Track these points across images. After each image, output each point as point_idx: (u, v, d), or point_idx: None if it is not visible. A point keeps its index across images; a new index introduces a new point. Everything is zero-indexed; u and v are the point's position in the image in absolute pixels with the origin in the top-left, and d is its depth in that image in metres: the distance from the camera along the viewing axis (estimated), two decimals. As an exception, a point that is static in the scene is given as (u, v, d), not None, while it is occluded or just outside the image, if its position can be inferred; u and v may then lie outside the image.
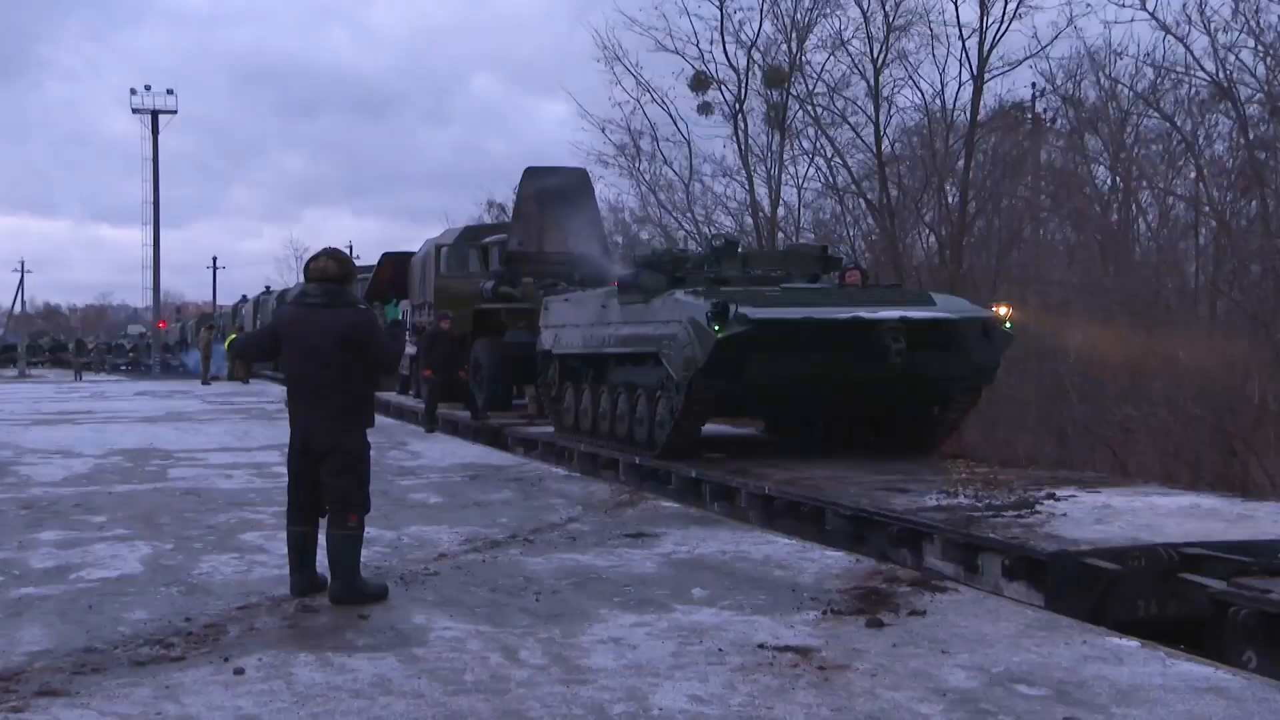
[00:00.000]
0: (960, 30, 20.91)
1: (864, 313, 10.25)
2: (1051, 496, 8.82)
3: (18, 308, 78.51)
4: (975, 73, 20.73)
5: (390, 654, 4.91)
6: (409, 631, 5.31)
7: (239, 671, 4.63)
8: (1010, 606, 6.02)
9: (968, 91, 20.95)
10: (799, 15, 22.51)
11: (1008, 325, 10.66)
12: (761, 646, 5.02)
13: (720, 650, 4.98)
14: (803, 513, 9.22)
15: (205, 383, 33.83)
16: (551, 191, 12.25)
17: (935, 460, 11.69)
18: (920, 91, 22.10)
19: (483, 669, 4.71)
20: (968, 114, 21.05)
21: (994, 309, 10.88)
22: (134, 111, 48.81)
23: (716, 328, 9.98)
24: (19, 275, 78.77)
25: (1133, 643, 5.15)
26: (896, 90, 22.08)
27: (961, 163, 21.00)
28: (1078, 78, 21.12)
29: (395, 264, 23.21)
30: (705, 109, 23.55)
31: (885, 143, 21.97)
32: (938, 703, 4.28)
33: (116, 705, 4.22)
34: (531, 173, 13.71)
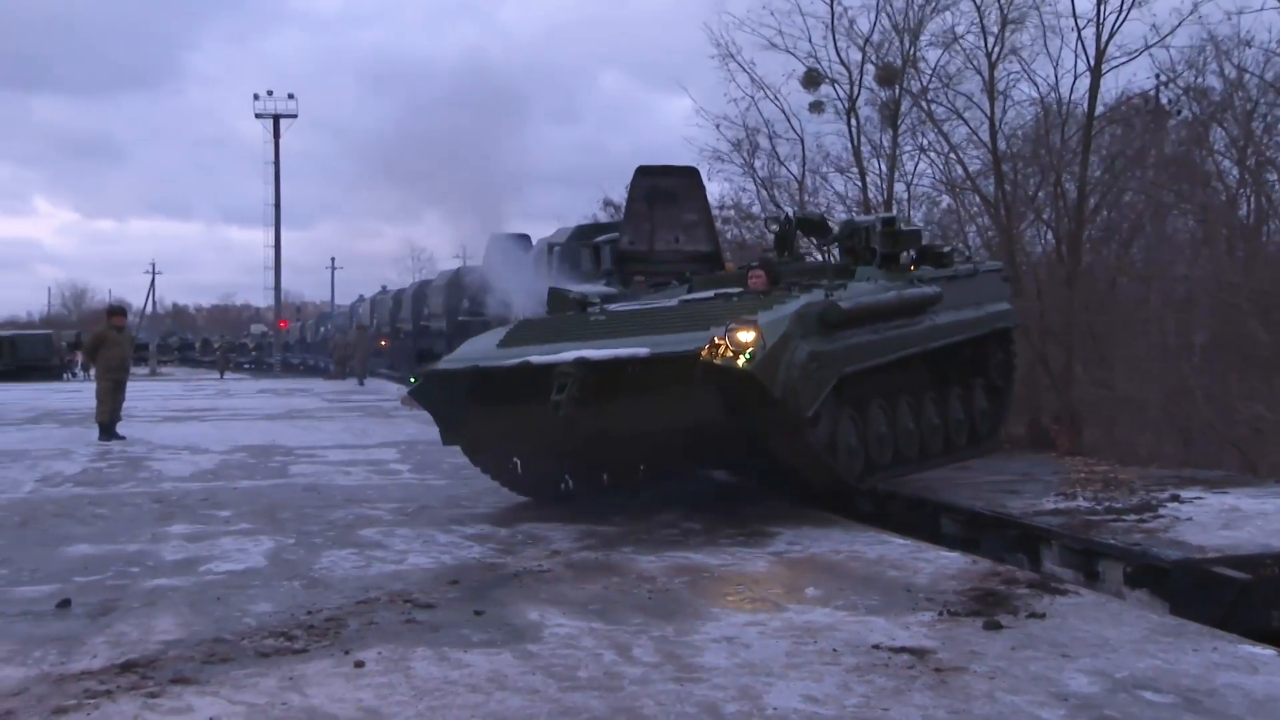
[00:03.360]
0: (1076, 22, 20.42)
1: (537, 357, 8.17)
2: (1175, 499, 8.56)
3: (148, 308, 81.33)
4: (1092, 64, 20.23)
5: (505, 650, 4.98)
6: (523, 627, 5.37)
7: (359, 664, 4.73)
8: (1133, 611, 5.86)
9: (1085, 83, 20.46)
10: (911, 11, 22.21)
11: (745, 357, 7.36)
12: (876, 647, 4.96)
13: (834, 650, 4.94)
14: (917, 513, 9.10)
15: (361, 383, 32.00)
16: (662, 190, 12.26)
17: (1051, 459, 11.44)
18: (1036, 85, 21.62)
19: (596, 666, 4.74)
20: (1085, 107, 20.54)
21: (723, 337, 7.48)
22: (257, 116, 50.21)
23: (413, 379, 9.12)
24: (150, 277, 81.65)
25: (1268, 651, 4.96)
26: (1012, 85, 21.65)
27: (1079, 156, 20.49)
28: (1200, 67, 20.48)
29: (503, 247, 23.18)
30: (817, 106, 23.37)
31: (1000, 138, 21.55)
32: (1059, 708, 4.19)
33: (244, 694, 4.35)
34: (643, 171, 13.78)
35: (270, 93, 49.98)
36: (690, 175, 15.37)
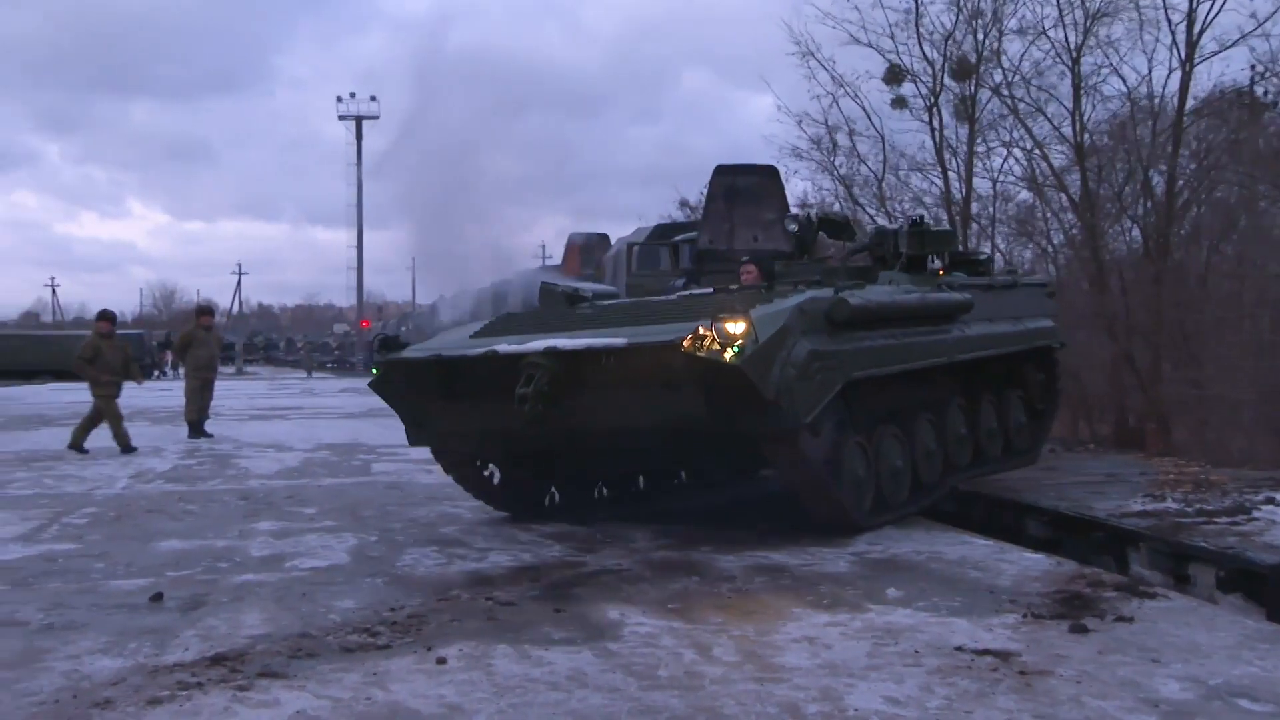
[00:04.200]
0: (1167, 13, 19.96)
1: (505, 346, 7.47)
2: (1271, 501, 8.34)
3: (235, 308, 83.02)
4: (1184, 56, 19.75)
5: (585, 648, 5.00)
6: (603, 626, 5.39)
7: (441, 661, 4.78)
8: (1226, 616, 5.71)
9: (1177, 77, 19.99)
10: (995, 6, 21.87)
11: (734, 350, 6.63)
12: (959, 649, 4.90)
13: (916, 652, 4.88)
14: (999, 514, 8.97)
15: None
16: (741, 189, 12.17)
17: (1139, 460, 11.21)
18: (1122, 79, 21.16)
19: (676, 665, 4.74)
20: (1176, 100, 20.07)
21: (709, 327, 6.72)
22: (340, 118, 50.98)
23: (373, 369, 8.35)
24: (236, 277, 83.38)
25: (1366, 658, 4.81)
26: (1101, 80, 21.21)
27: (1168, 151, 20.03)
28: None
29: (583, 246, 23.16)
30: (899, 102, 23.11)
31: (1086, 133, 21.14)
32: (1149, 714, 4.10)
33: (329, 689, 4.42)
34: (721, 170, 13.74)
35: (353, 95, 50.78)
36: (769, 174, 15.28)
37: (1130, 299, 19.99)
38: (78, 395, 27.66)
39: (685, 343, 6.71)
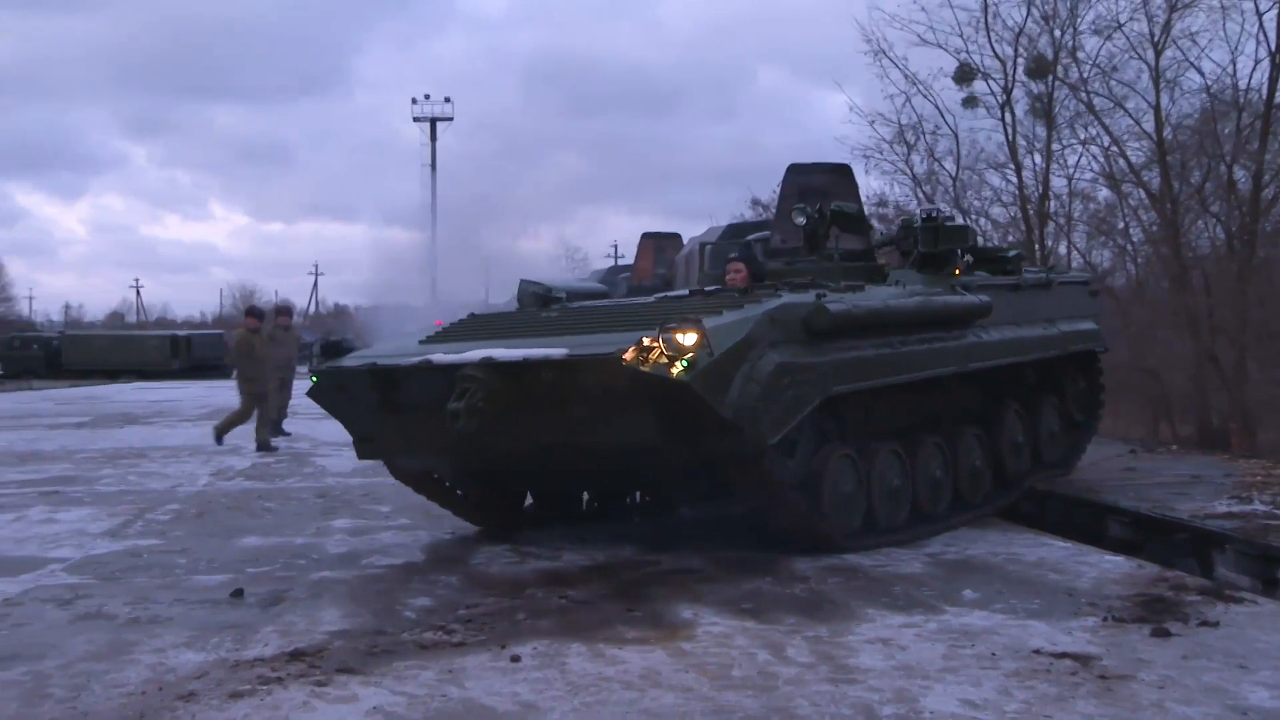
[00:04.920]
0: (1256, 3, 19.47)
1: (440, 356, 6.78)
2: (1362, 503, 8.10)
3: (312, 308, 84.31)
4: (1275, 47, 19.25)
5: (659, 647, 5.00)
6: (676, 625, 5.39)
7: (515, 659, 4.81)
8: (1316, 621, 5.56)
9: (1265, 68, 19.47)
10: (1071, 3, 21.49)
11: (682, 364, 5.96)
12: (1037, 652, 4.82)
13: (993, 654, 4.82)
14: (1077, 514, 8.82)
15: None
16: (814, 187, 12.09)
17: (1224, 461, 10.95)
18: (1201, 73, 20.68)
19: (750, 665, 4.73)
20: (1264, 92, 19.56)
21: (655, 338, 6.05)
22: (415, 120, 51.50)
23: (313, 377, 7.61)
24: (313, 278, 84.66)
25: None
26: (1180, 73, 20.75)
27: (1254, 146, 19.54)
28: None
29: (656, 245, 23.10)
30: (970, 101, 22.81)
31: (1166, 128, 20.70)
32: (1235, 721, 4.01)
33: (405, 685, 4.47)
34: (795, 169, 13.69)
35: (427, 96, 51.20)
36: (842, 173, 15.17)
37: (1213, 297, 19.54)
38: (160, 395, 28.33)
39: (626, 355, 6.04)
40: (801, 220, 8.95)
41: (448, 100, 51.33)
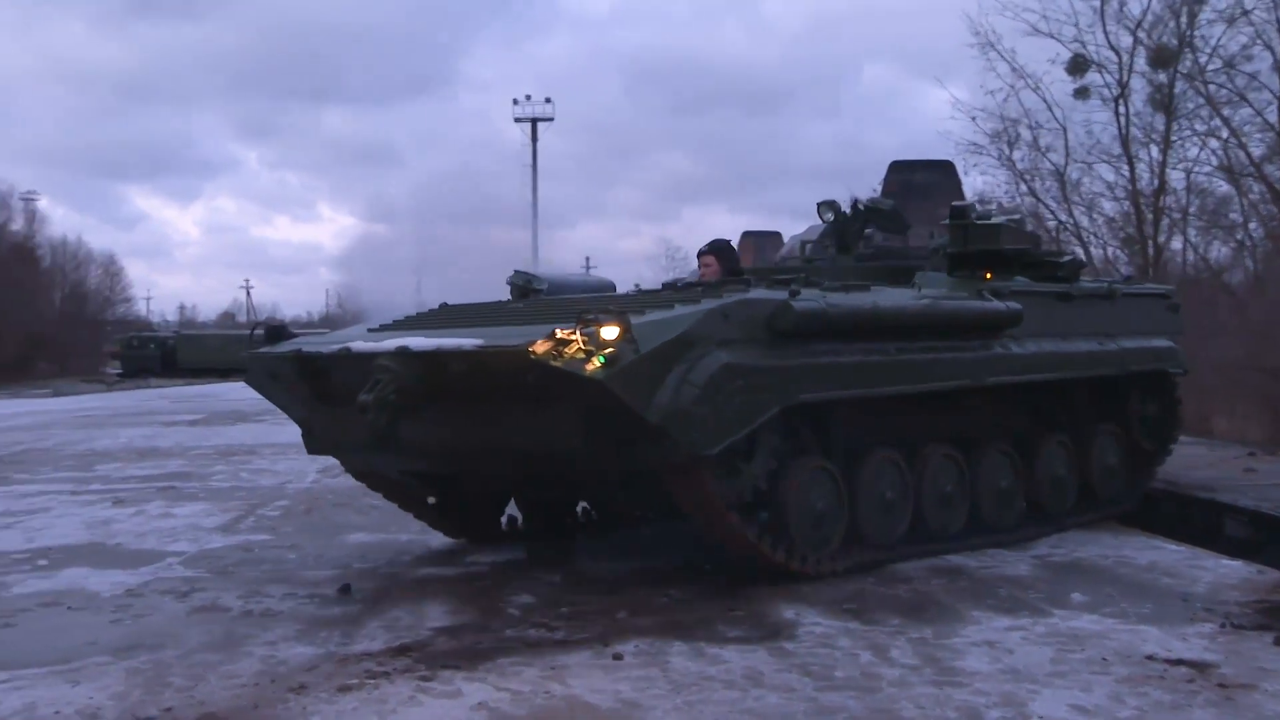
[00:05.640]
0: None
1: (360, 344, 6.26)
2: None
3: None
4: None
5: (760, 647, 4.98)
6: (779, 625, 5.36)
7: (617, 657, 4.83)
8: None
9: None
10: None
11: (599, 360, 5.31)
12: (1150, 658, 4.70)
13: (1104, 659, 4.71)
14: (1191, 514, 8.57)
15: None
16: (916, 185, 11.97)
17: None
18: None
19: (853, 666, 4.68)
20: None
21: (572, 330, 5.41)
22: (516, 120, 51.99)
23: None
24: (416, 278, 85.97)
25: None
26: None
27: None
28: None
29: (757, 244, 23.10)
30: (1082, 93, 22.29)
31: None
32: (1362, 733, 3.86)
33: (509, 682, 4.51)
34: (896, 166, 13.61)
35: (529, 97, 51.63)
36: (945, 169, 14.99)
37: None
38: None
39: (535, 347, 5.41)
40: (829, 216, 8.32)
41: (548, 101, 51.71)
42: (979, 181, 24.79)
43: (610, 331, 5.37)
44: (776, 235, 22.62)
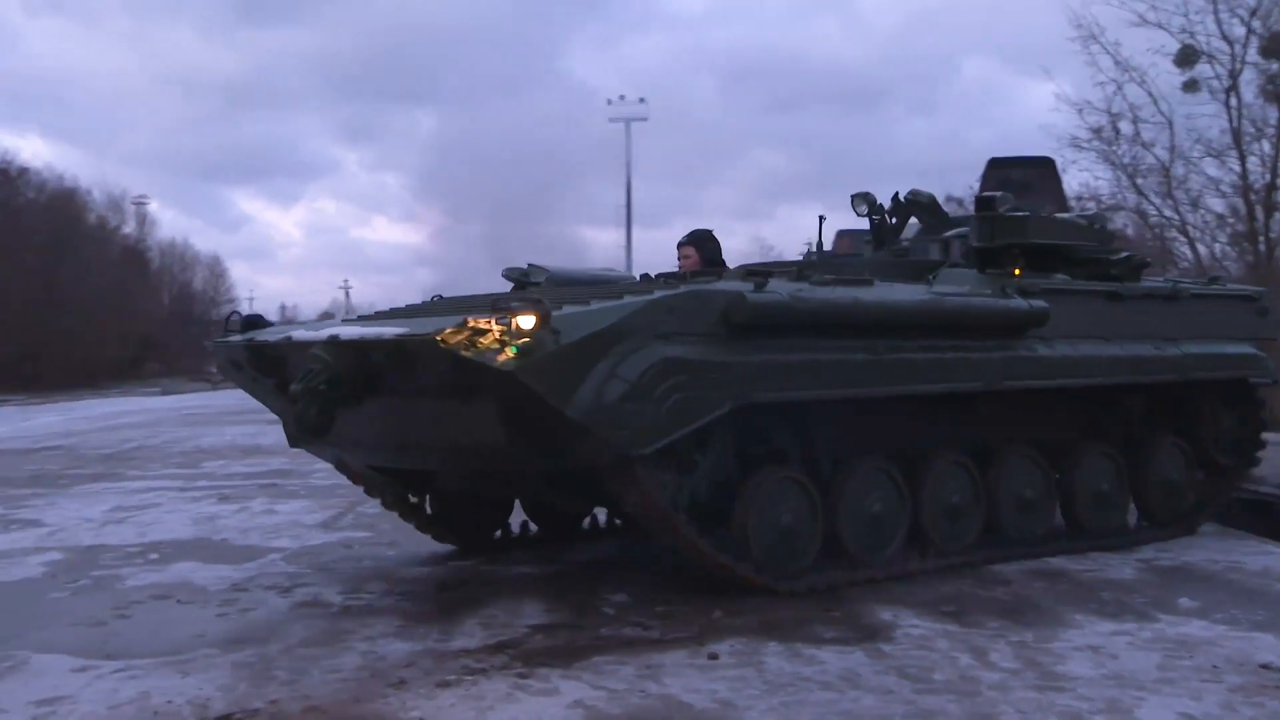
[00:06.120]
0: None
1: (301, 333, 6.09)
2: None
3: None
4: None
5: (857, 648, 4.93)
6: (875, 627, 5.31)
7: (713, 656, 4.82)
8: None
9: None
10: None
11: (511, 352, 4.99)
12: (1265, 667, 4.56)
13: (1214, 667, 4.58)
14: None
15: None
16: (1015, 182, 11.70)
17: None
18: None
19: (952, 669, 4.62)
20: None
21: (487, 319, 5.07)
22: (610, 121, 52.21)
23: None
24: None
25: None
26: None
27: None
28: None
29: (853, 241, 22.92)
30: (1191, 85, 21.70)
31: None
32: None
33: (605, 680, 4.53)
34: (995, 163, 13.37)
35: (622, 97, 51.81)
36: (1045, 166, 14.67)
37: None
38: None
39: (444, 336, 5.07)
40: (863, 210, 7.85)
41: (642, 100, 51.83)
42: (1081, 179, 24.26)
43: (526, 321, 5.03)
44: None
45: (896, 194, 7.92)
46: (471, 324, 5.05)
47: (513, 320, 5.02)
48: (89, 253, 46.85)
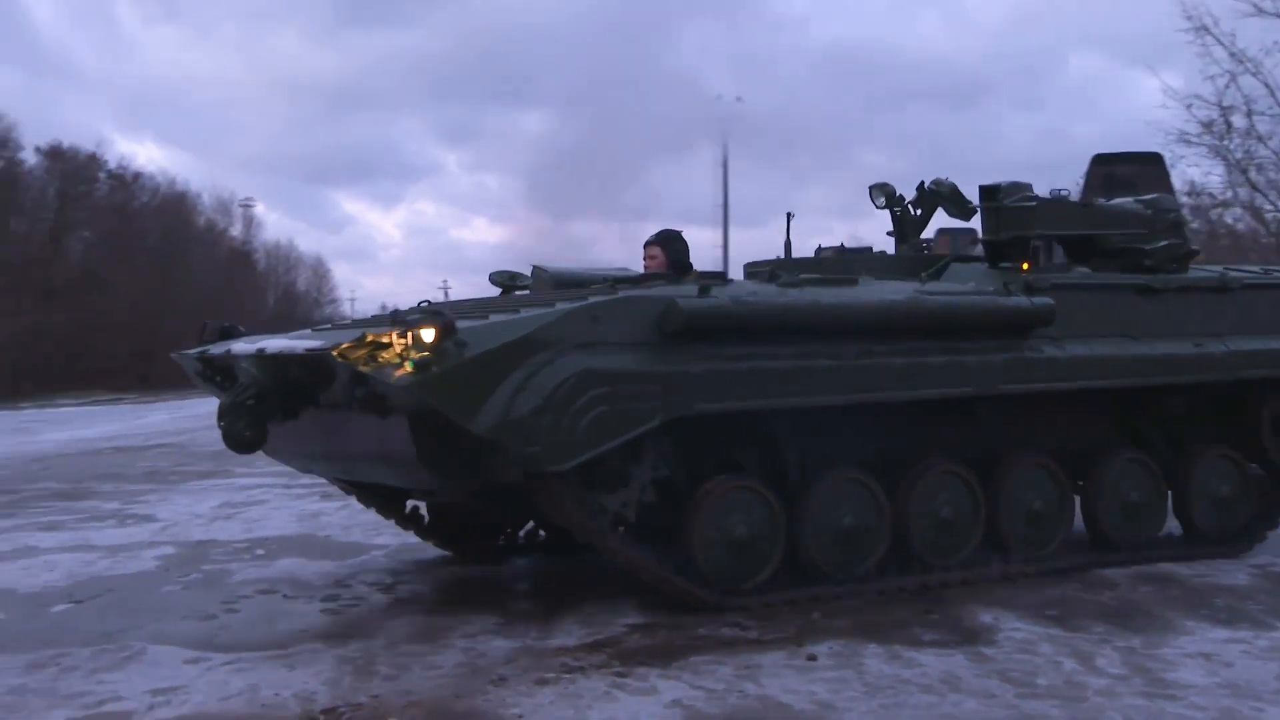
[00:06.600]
0: None
1: (240, 345, 5.98)
2: None
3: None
4: None
5: (958, 651, 4.86)
6: (976, 629, 5.23)
7: (811, 658, 4.79)
8: None
9: None
10: None
11: (409, 366, 4.82)
12: (1388, 677, 4.40)
13: (1335, 677, 4.43)
14: None
15: None
16: (1121, 178, 11.37)
17: None
18: None
19: (1056, 673, 4.53)
20: None
21: (388, 333, 4.99)
22: (708, 120, 52.10)
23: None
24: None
25: None
26: None
27: None
28: None
29: (952, 239, 22.68)
30: (1310, 75, 20.97)
31: None
32: None
33: (703, 680, 4.53)
34: (1100, 159, 13.04)
35: (719, 97, 51.73)
36: (1152, 161, 14.23)
37: None
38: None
39: (340, 351, 4.98)
40: (881, 202, 7.42)
41: (739, 100, 51.67)
42: (1191, 174, 23.58)
43: (427, 334, 4.87)
44: (972, 231, 22.10)
45: (921, 183, 7.48)
46: (371, 338, 4.99)
47: (412, 334, 4.89)
48: (198, 255, 48.18)
